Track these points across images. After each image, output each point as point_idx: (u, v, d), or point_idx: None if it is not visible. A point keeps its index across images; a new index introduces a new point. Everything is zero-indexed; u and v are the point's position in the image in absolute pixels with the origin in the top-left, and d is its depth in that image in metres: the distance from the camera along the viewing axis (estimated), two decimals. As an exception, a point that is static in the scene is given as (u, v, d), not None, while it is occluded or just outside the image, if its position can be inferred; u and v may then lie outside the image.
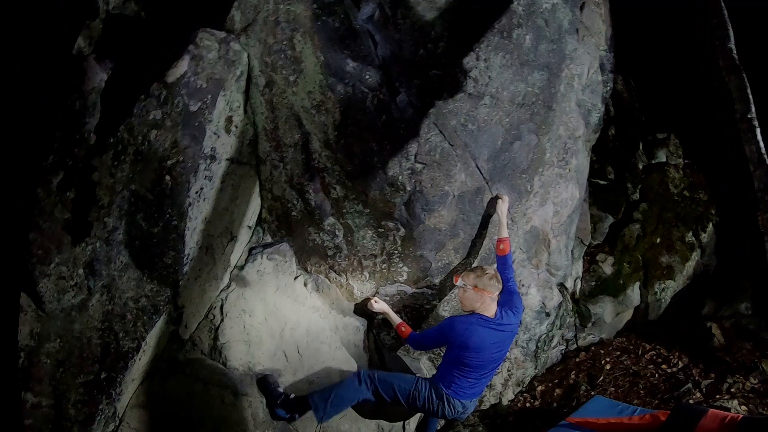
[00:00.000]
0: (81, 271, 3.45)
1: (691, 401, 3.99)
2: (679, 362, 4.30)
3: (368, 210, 3.69)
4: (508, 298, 3.50)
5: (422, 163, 3.65)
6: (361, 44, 3.57)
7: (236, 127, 3.69)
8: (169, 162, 3.43)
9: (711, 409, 3.61)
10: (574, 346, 4.70)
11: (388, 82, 3.60)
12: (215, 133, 3.55)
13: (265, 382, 3.66)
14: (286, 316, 3.89)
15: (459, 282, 3.44)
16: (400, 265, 3.81)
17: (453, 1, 3.72)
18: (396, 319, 3.67)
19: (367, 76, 3.56)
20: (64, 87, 3.62)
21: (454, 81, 3.69)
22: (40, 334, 3.43)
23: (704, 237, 4.82)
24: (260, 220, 4.02)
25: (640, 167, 5.11)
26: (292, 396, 3.53)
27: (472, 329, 3.25)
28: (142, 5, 4.00)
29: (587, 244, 4.81)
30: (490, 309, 3.35)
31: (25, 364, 3.38)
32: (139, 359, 3.49)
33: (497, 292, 3.39)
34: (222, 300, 3.80)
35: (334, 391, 3.36)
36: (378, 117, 3.57)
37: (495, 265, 3.67)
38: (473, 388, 3.42)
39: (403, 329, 3.57)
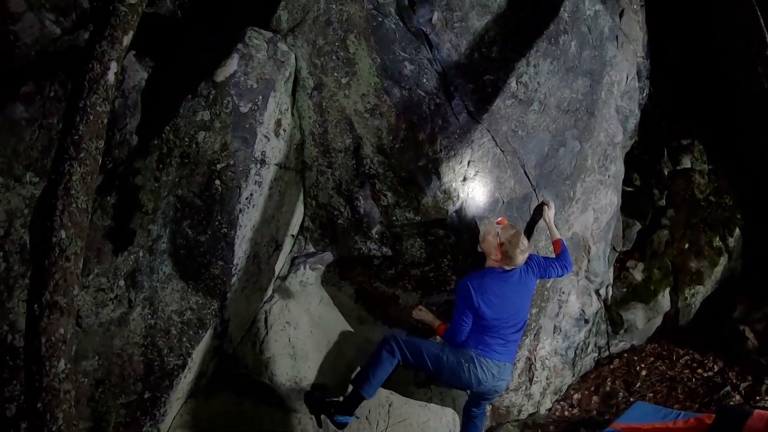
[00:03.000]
0: (122, 282, 3.22)
1: (731, 404, 4.02)
2: (715, 366, 4.35)
3: (419, 217, 3.58)
4: (538, 260, 3.53)
5: (475, 169, 3.59)
6: (418, 47, 3.48)
7: (284, 130, 3.53)
8: (218, 165, 3.24)
9: (756, 410, 3.63)
10: (606, 353, 4.71)
11: (444, 85, 3.52)
12: (265, 136, 3.38)
13: (312, 397, 3.50)
14: (332, 328, 3.74)
15: (498, 227, 3.39)
16: (449, 273, 3.71)
17: (505, 6, 3.69)
18: (437, 323, 3.53)
19: (425, 80, 3.47)
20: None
21: (506, 86, 3.65)
22: (76, 351, 3.13)
23: (731, 241, 4.92)
24: (302, 229, 3.85)
25: (666, 173, 5.21)
26: (341, 398, 3.42)
27: (486, 283, 3.28)
28: (177, 4, 3.81)
29: (618, 250, 4.84)
30: (501, 265, 3.34)
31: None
32: (185, 377, 3.27)
33: (511, 267, 3.35)
34: (266, 312, 3.61)
35: (371, 368, 3.31)
36: (434, 121, 3.48)
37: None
38: (503, 347, 3.34)
39: (442, 328, 3.45)
